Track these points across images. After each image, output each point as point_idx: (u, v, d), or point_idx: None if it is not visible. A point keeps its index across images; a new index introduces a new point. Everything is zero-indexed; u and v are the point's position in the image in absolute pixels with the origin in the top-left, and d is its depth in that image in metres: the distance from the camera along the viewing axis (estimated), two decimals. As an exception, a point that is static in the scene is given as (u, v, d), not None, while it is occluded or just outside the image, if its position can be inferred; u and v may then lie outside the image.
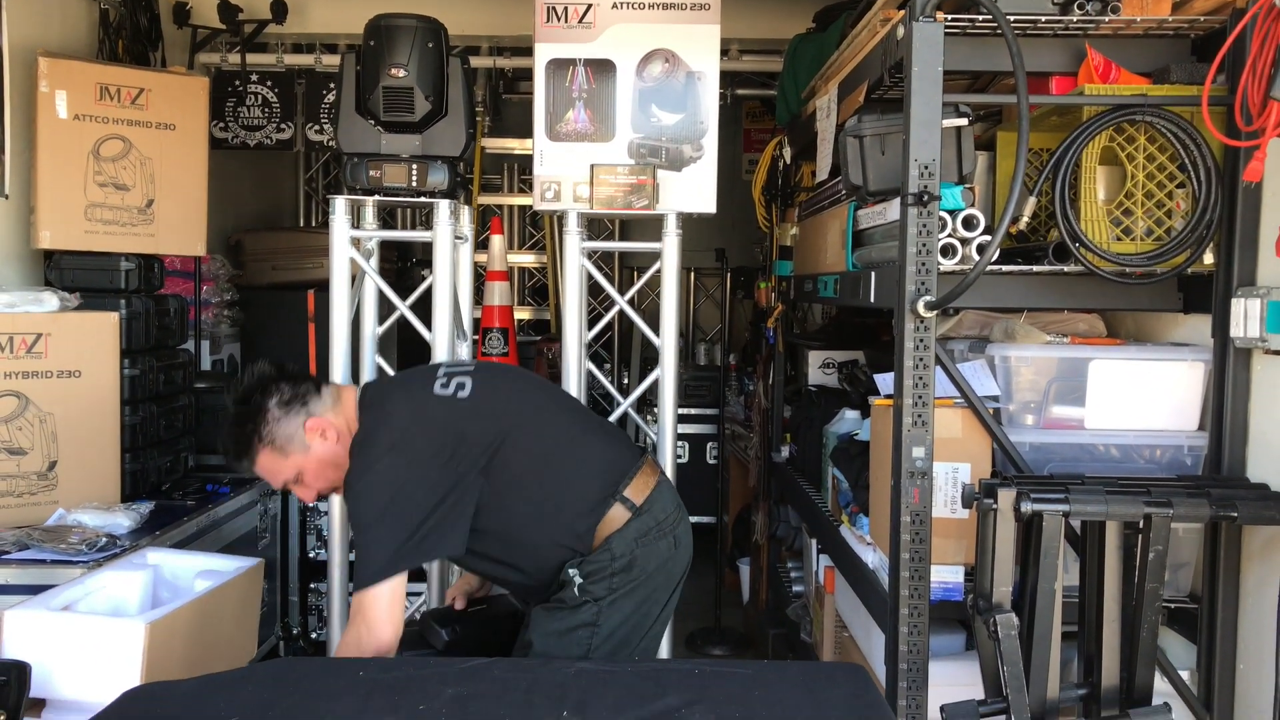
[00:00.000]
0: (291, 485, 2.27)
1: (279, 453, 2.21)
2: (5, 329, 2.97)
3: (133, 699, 1.72)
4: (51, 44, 3.48)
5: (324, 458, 2.22)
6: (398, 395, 2.28)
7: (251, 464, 2.24)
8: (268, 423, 2.20)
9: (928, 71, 2.14)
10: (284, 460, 2.22)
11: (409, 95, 3.03)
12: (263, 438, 2.20)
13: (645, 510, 2.24)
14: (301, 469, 2.23)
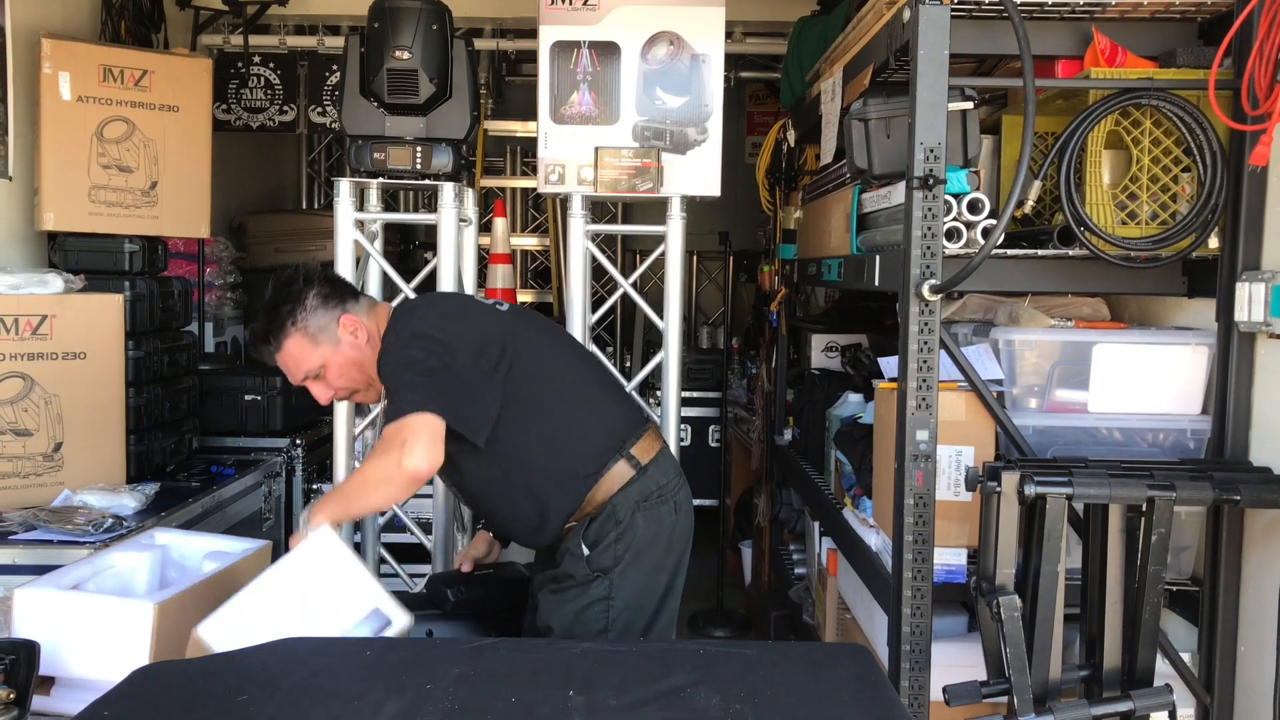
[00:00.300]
0: (311, 381, 2.28)
1: (309, 340, 2.24)
2: (10, 311, 2.98)
3: (142, 677, 1.74)
4: (54, 25, 3.47)
5: (351, 356, 2.26)
6: (438, 292, 2.33)
7: (277, 349, 2.25)
8: (305, 308, 2.24)
9: (933, 55, 2.14)
10: (312, 349, 2.24)
11: (413, 78, 3.02)
12: (296, 321, 2.23)
13: (647, 471, 2.26)
14: (327, 363, 2.25)
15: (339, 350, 2.26)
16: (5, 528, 2.73)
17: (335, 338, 2.25)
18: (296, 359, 2.26)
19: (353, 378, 2.29)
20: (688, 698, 1.61)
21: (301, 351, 2.25)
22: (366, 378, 2.29)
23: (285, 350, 2.25)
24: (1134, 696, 2.06)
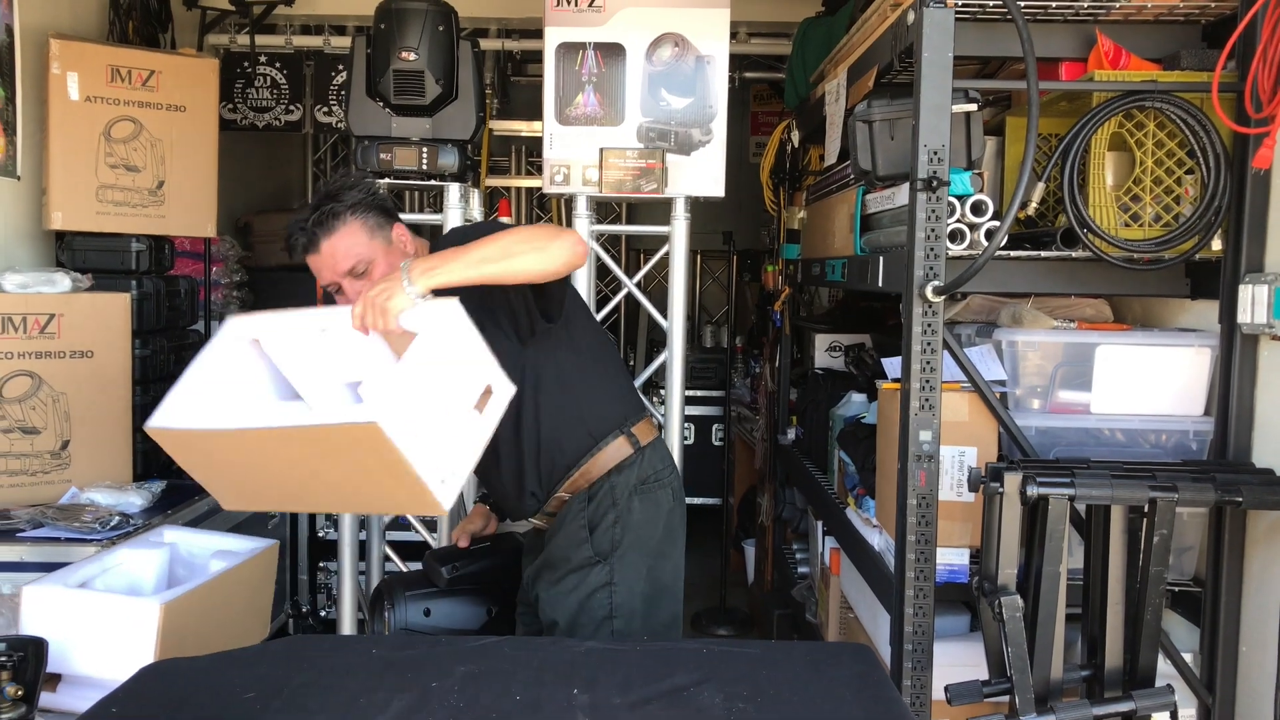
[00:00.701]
0: (350, 279, 2.14)
1: (366, 230, 2.14)
2: (18, 309, 2.99)
3: (149, 675, 1.75)
4: (63, 26, 3.49)
5: (398, 259, 2.15)
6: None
7: (327, 234, 2.11)
8: (367, 200, 2.16)
9: (938, 57, 2.15)
10: (367, 241, 2.13)
11: (419, 79, 3.04)
12: (357, 210, 2.13)
13: (645, 454, 2.26)
14: (375, 259, 2.14)
15: (391, 251, 2.17)
16: (13, 525, 2.75)
17: (388, 238, 2.17)
18: (348, 248, 2.12)
19: None
20: (691, 696, 1.62)
21: (355, 240, 2.13)
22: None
23: (337, 237, 2.12)
24: (1136, 697, 2.07)
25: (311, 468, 1.86)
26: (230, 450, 1.87)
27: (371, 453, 1.73)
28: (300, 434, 1.78)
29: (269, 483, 1.96)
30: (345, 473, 1.84)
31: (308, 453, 1.82)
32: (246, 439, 1.84)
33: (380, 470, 1.77)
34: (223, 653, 1.86)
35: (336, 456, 1.81)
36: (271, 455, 1.86)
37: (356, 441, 1.73)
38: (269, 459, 1.87)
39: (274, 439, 1.81)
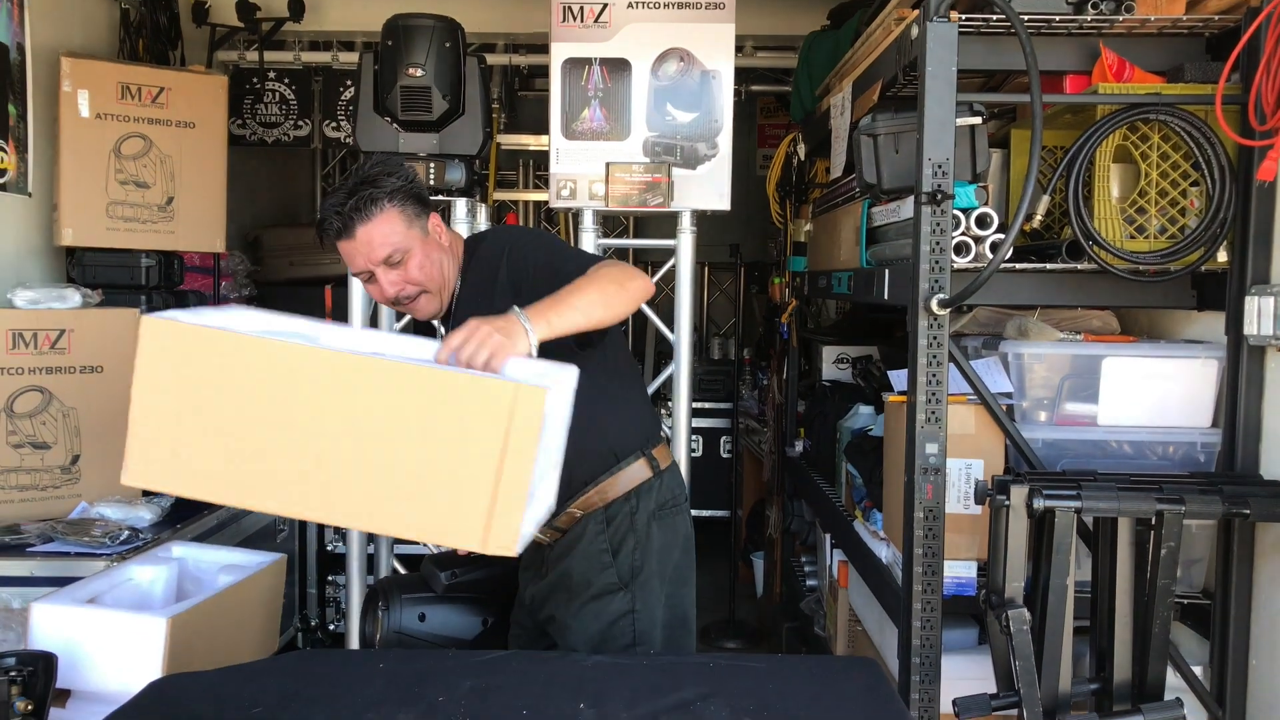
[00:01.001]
0: (384, 269, 2.07)
1: (404, 218, 2.07)
2: (29, 325, 3.01)
3: (157, 690, 1.76)
4: (74, 44, 3.52)
5: (435, 252, 2.12)
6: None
7: (364, 220, 2.03)
8: (408, 186, 2.09)
9: (942, 71, 2.15)
10: (405, 229, 2.06)
11: (426, 94, 3.05)
12: (396, 195, 2.05)
13: (663, 478, 2.24)
14: (412, 249, 2.07)
15: (428, 241, 2.11)
16: (23, 540, 2.76)
17: (425, 229, 2.11)
18: (385, 235, 2.04)
19: (431, 274, 2.11)
20: (698, 711, 1.62)
21: (393, 228, 2.05)
22: (442, 279, 2.14)
23: (374, 224, 2.03)
24: (1145, 710, 2.06)
25: (358, 445, 1.44)
26: (251, 383, 1.43)
27: (479, 443, 1.39)
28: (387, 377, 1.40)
29: (277, 458, 1.46)
30: (407, 465, 1.44)
31: (369, 416, 1.41)
32: (290, 365, 1.42)
33: (466, 472, 1.41)
34: (230, 667, 1.86)
35: (409, 436, 1.41)
36: (311, 408, 1.42)
37: (470, 417, 1.39)
38: (301, 414, 1.43)
39: (335, 376, 1.41)
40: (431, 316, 2.20)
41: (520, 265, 2.08)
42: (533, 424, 1.39)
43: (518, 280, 2.06)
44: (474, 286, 2.16)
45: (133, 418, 1.43)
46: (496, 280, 2.09)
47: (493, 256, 2.13)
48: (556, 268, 1.99)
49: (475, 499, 1.42)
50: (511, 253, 2.10)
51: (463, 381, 1.42)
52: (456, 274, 2.18)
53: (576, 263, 2.00)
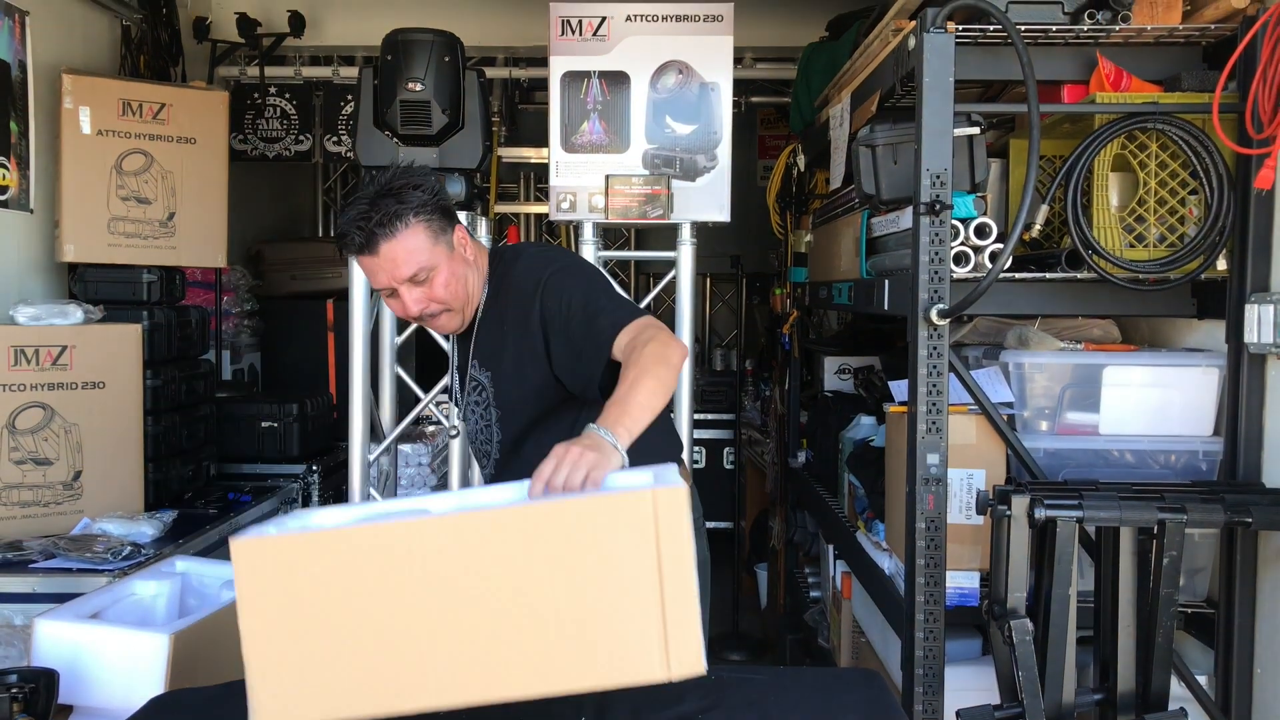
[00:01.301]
0: (408, 286, 1.99)
1: (430, 234, 1.98)
2: (31, 341, 3.02)
3: (159, 705, 1.76)
4: (75, 61, 3.53)
5: (461, 268, 2.05)
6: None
7: (388, 236, 1.94)
8: (433, 200, 2.00)
9: (939, 81, 2.16)
10: (431, 245, 1.98)
11: (426, 109, 3.06)
12: (421, 210, 1.96)
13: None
14: (438, 266, 2.00)
15: (454, 257, 2.03)
16: (25, 556, 2.76)
17: (450, 244, 2.03)
18: (410, 252, 1.96)
19: (456, 292, 2.04)
20: (699, 724, 1.62)
21: (419, 245, 1.97)
22: (466, 296, 2.08)
23: (399, 241, 1.95)
24: (1149, 720, 2.05)
25: (500, 607, 1.29)
26: (366, 577, 1.29)
27: (629, 562, 1.27)
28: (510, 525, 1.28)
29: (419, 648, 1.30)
30: (559, 612, 1.30)
31: (503, 573, 1.29)
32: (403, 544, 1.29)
33: (626, 599, 1.28)
34: (231, 682, 1.86)
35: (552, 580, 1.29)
36: (439, 582, 1.29)
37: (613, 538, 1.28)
38: (430, 593, 1.29)
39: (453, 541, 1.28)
40: (453, 332, 2.15)
41: (555, 305, 2.00)
42: (681, 525, 1.29)
43: (549, 318, 2.00)
44: (502, 310, 2.10)
45: (248, 654, 1.29)
46: (530, 316, 2.02)
47: (527, 288, 2.04)
48: (593, 314, 1.95)
49: (644, 623, 1.30)
50: (546, 291, 2.02)
51: (595, 504, 1.31)
52: (482, 288, 2.12)
53: (612, 314, 1.93)
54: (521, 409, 2.09)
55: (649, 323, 1.93)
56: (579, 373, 1.99)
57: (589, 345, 1.94)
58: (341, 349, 4.43)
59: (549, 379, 2.04)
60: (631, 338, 1.89)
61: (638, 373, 1.80)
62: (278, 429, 4.00)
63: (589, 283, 2.03)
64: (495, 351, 2.11)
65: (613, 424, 1.68)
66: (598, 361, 1.94)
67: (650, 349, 1.84)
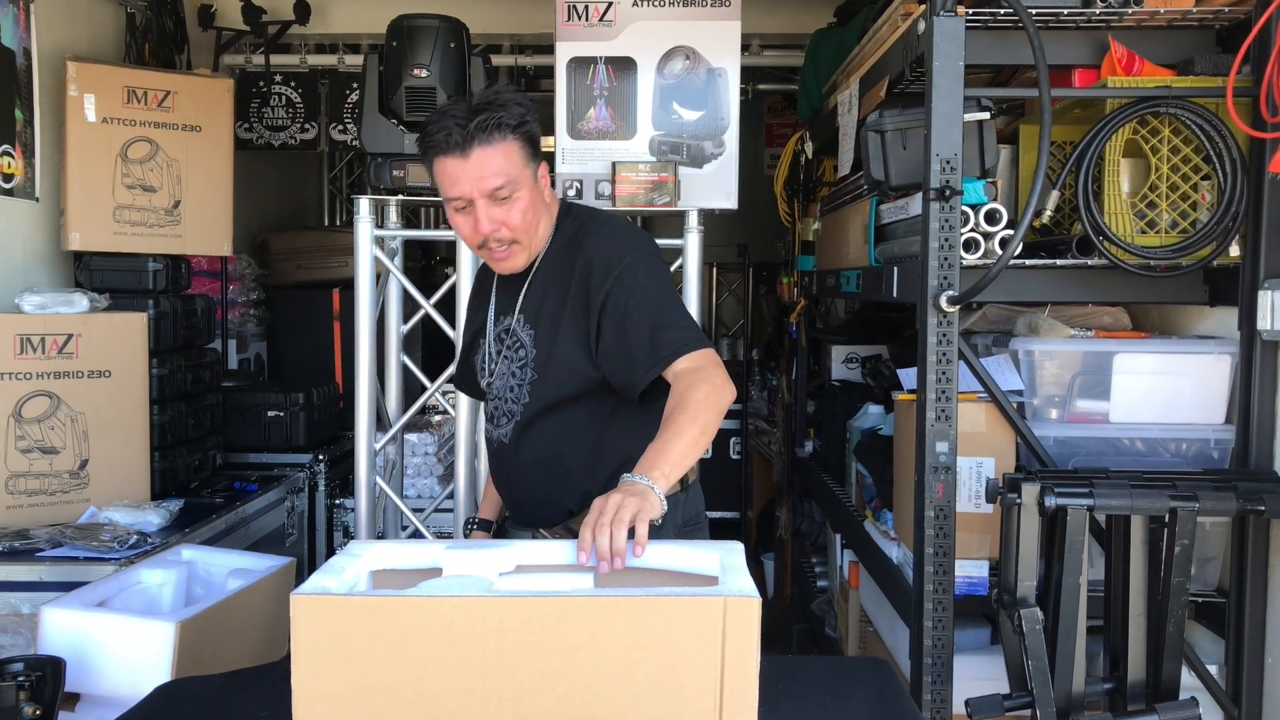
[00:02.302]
0: (491, 201, 1.91)
1: (524, 156, 1.92)
2: (37, 330, 3.01)
3: (165, 693, 1.75)
4: (80, 48, 3.52)
5: (540, 200, 1.99)
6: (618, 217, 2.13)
7: (485, 143, 1.86)
8: (532, 126, 1.94)
9: (949, 66, 2.14)
10: (522, 166, 1.92)
11: (431, 95, 3.05)
12: (521, 129, 1.90)
13: (689, 492, 2.17)
14: (522, 190, 1.93)
15: (535, 190, 1.96)
16: (33, 544, 2.76)
17: (535, 174, 1.97)
18: (502, 165, 1.89)
19: (530, 224, 1.97)
20: (707, 712, 1.61)
21: (510, 161, 1.90)
22: (536, 234, 2.00)
23: (495, 149, 1.88)
24: (1159, 710, 2.04)
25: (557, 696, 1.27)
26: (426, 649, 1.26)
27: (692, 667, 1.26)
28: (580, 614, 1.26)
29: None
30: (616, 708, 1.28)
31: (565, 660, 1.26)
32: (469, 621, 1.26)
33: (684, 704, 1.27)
34: (237, 671, 1.86)
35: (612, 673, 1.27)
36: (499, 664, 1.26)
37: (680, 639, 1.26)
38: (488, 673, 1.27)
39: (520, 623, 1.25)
40: (510, 271, 2.05)
41: (623, 298, 1.92)
42: (749, 638, 1.26)
43: (610, 306, 1.93)
44: (565, 273, 2.01)
45: (297, 711, 1.28)
46: (593, 294, 1.95)
47: (600, 264, 1.96)
48: (659, 326, 1.89)
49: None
50: (621, 279, 1.93)
51: (665, 604, 1.26)
52: (547, 237, 2.04)
53: (679, 334, 1.88)
54: (557, 382, 2.00)
55: (710, 357, 1.88)
56: (625, 375, 1.93)
57: (646, 355, 1.89)
58: (347, 338, 4.44)
59: (589, 362, 1.97)
60: (692, 369, 1.85)
61: (687, 419, 1.78)
62: (284, 418, 4.00)
63: (663, 289, 1.95)
64: (547, 313, 2.02)
65: (650, 468, 1.67)
66: (649, 374, 1.89)
67: (704, 392, 1.81)
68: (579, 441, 2.01)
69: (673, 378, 1.87)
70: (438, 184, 1.95)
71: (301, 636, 1.27)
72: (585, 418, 2.01)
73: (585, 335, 1.96)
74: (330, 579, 1.39)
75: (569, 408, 2.01)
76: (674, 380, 1.86)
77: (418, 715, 1.27)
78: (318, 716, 1.28)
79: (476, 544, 1.59)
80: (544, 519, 2.06)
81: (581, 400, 2.00)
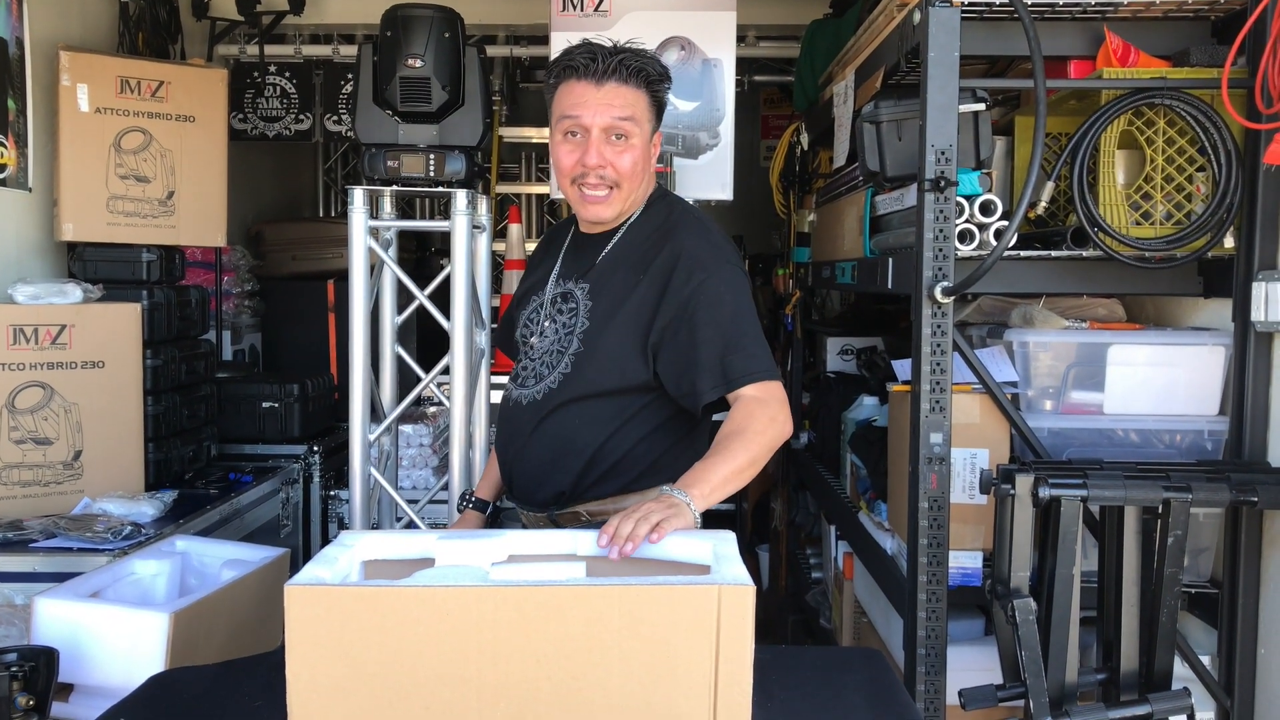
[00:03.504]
0: (606, 135, 1.91)
1: (650, 110, 1.96)
2: (30, 320, 3.00)
3: (159, 683, 1.75)
4: (73, 38, 3.50)
5: (647, 161, 1.99)
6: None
7: (624, 80, 1.90)
8: (663, 93, 1.99)
9: (944, 57, 2.13)
10: (646, 114, 1.96)
11: (426, 85, 3.03)
12: (657, 81, 1.95)
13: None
14: (637, 138, 1.93)
15: (646, 151, 1.97)
16: (26, 535, 2.75)
17: (650, 137, 1.98)
18: (631, 104, 1.91)
19: (635, 176, 1.96)
20: (701, 702, 1.61)
21: (640, 105, 1.93)
22: (634, 192, 1.99)
23: (630, 90, 1.91)
24: (1152, 700, 2.05)
25: (551, 685, 1.28)
26: (422, 639, 1.27)
27: (687, 656, 1.27)
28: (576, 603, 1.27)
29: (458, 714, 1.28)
30: (610, 697, 1.28)
31: (560, 649, 1.27)
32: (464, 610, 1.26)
33: (678, 692, 1.28)
34: (231, 661, 1.86)
35: (607, 662, 1.27)
36: (494, 653, 1.27)
37: (674, 628, 1.27)
38: (484, 662, 1.27)
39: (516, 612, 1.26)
40: (598, 220, 2.01)
41: (697, 307, 1.88)
42: (743, 626, 1.28)
43: (683, 312, 1.89)
44: (645, 258, 1.97)
45: (292, 700, 1.28)
46: (666, 293, 1.91)
47: (684, 265, 1.92)
48: (732, 344, 1.86)
49: (694, 718, 1.29)
50: (704, 288, 1.89)
51: (659, 592, 1.27)
52: (638, 206, 2.03)
53: (752, 359, 1.85)
54: (598, 369, 1.95)
55: (777, 391, 1.86)
56: (688, 385, 1.89)
57: (715, 372, 1.86)
58: (342, 329, 4.43)
59: (638, 357, 1.93)
60: (758, 398, 1.83)
61: (740, 446, 1.78)
62: (278, 409, 3.99)
63: (743, 306, 1.91)
64: (613, 289, 1.97)
65: (690, 485, 1.69)
66: (714, 392, 1.87)
67: (763, 424, 1.80)
68: (596, 430, 1.98)
69: (734, 400, 1.85)
70: (555, 106, 1.94)
71: (296, 627, 1.27)
72: (612, 411, 1.97)
73: (645, 328, 1.91)
74: (324, 569, 1.39)
75: (601, 399, 1.97)
76: (736, 404, 1.85)
77: (412, 704, 1.28)
78: (312, 706, 1.28)
79: (468, 534, 1.59)
80: (537, 496, 2.03)
81: (615, 396, 1.96)
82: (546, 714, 1.28)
